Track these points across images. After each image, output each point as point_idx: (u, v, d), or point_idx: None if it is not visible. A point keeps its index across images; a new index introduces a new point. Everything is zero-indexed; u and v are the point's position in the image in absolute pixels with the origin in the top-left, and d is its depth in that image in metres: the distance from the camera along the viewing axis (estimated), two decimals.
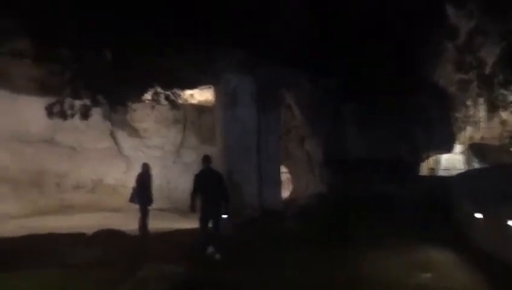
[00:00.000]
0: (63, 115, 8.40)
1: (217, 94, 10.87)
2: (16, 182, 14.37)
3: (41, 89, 10.76)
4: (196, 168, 16.24)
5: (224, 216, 8.17)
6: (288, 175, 15.20)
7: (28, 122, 14.04)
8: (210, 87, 11.97)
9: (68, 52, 7.72)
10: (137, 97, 11.58)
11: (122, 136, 15.98)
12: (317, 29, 10.59)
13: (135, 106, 14.56)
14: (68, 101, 8.49)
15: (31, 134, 14.42)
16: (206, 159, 8.41)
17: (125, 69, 9.24)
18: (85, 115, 8.60)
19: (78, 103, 8.75)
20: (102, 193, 16.10)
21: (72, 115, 8.51)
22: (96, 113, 14.97)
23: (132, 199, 10.72)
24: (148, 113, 15.39)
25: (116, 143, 16.08)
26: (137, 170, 16.15)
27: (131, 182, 16.36)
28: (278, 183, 10.89)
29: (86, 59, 7.96)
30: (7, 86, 12.53)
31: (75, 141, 15.43)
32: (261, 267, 7.37)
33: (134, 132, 15.88)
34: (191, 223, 11.19)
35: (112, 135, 15.97)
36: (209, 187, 8.10)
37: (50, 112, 8.42)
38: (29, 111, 12.98)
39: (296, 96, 11.73)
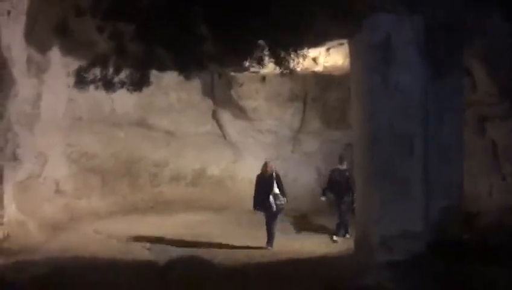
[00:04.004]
0: (107, 85, 5.24)
1: (356, 50, 6.86)
2: (105, 172, 12.20)
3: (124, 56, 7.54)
4: (321, 159, 12.98)
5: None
6: None
7: (112, 101, 11.50)
8: (342, 44, 8.00)
9: None
10: (239, 62, 8.06)
11: (227, 117, 13.11)
12: None
13: (241, 77, 11.35)
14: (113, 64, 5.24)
15: (117, 115, 11.93)
16: (341, 160, 9.52)
17: (217, 19, 5.69)
18: (139, 83, 5.34)
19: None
20: (204, 186, 13.61)
21: (122, 85, 5.29)
22: (194, 89, 12.36)
23: (254, 206, 8.95)
24: (257, 88, 12.11)
25: (220, 126, 13.21)
26: (246, 159, 13.55)
27: (240, 174, 13.68)
28: (457, 194, 6.66)
29: None
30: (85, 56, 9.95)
31: (172, 123, 12.92)
32: None
33: (241, 113, 12.79)
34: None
35: (215, 116, 13.03)
36: (339, 187, 9.26)
37: (80, 80, 5.29)
38: None
39: (483, 52, 7.25)
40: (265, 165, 8.97)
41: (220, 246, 8.79)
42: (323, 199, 9.63)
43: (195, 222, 11.03)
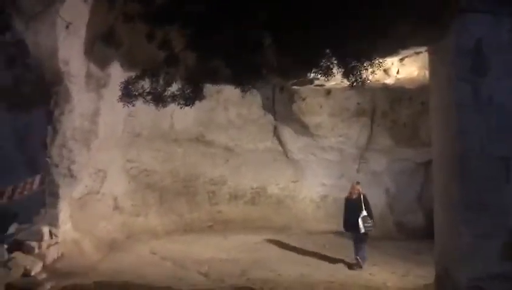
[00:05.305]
0: (157, 99, 4.76)
1: (440, 58, 5.98)
2: (163, 189, 11.93)
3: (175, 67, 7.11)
4: (390, 179, 11.98)
5: None
6: None
7: (171, 117, 11.22)
8: (419, 52, 7.14)
9: None
10: (303, 73, 7.44)
11: (288, 134, 12.41)
12: None
13: (304, 91, 10.72)
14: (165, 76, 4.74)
15: (176, 131, 11.64)
16: None
17: (279, 25, 5.08)
18: (192, 98, 4.81)
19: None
20: (264, 205, 13.12)
21: (174, 99, 4.79)
22: (255, 104, 11.89)
23: (345, 228, 9.11)
24: (321, 102, 11.37)
25: (281, 143, 12.54)
26: (308, 178, 12.82)
27: (301, 193, 12.92)
28: None
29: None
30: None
31: (231, 139, 12.41)
32: None
33: (303, 129, 12.00)
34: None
35: (275, 133, 12.38)
36: None
37: (127, 93, 4.83)
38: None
39: None
40: (353, 187, 9.10)
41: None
42: None
43: (255, 245, 10.43)
